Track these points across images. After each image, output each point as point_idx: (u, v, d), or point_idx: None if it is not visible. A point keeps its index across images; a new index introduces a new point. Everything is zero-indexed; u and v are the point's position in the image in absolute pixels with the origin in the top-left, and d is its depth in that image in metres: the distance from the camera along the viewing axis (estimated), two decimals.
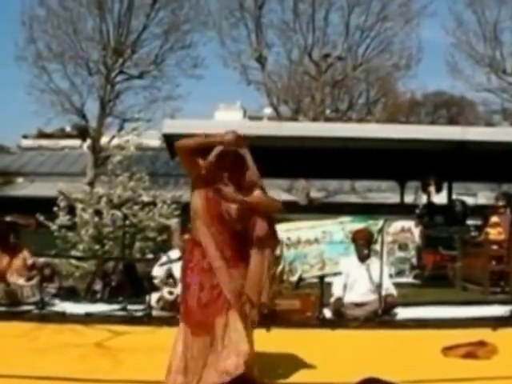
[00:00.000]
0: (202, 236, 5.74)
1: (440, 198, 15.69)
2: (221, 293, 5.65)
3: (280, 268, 9.70)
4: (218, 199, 5.75)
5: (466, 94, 36.69)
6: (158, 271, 9.78)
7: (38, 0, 29.14)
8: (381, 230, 9.97)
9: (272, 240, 5.93)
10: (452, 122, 40.45)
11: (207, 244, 5.71)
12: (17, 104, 78.75)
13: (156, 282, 9.62)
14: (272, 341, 7.96)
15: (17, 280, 10.04)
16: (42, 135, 46.62)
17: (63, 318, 9.06)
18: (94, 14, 29.23)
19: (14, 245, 10.48)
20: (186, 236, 10.02)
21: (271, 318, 8.57)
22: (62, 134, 40.05)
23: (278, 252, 9.92)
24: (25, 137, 50.52)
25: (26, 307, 9.56)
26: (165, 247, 14.42)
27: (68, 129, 39.40)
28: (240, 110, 43.37)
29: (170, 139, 15.09)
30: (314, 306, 8.85)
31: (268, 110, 33.55)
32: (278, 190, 27.57)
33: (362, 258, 9.52)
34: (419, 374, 6.22)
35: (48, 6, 29.14)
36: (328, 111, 31.22)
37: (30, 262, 10.42)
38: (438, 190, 15.34)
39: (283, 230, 12.82)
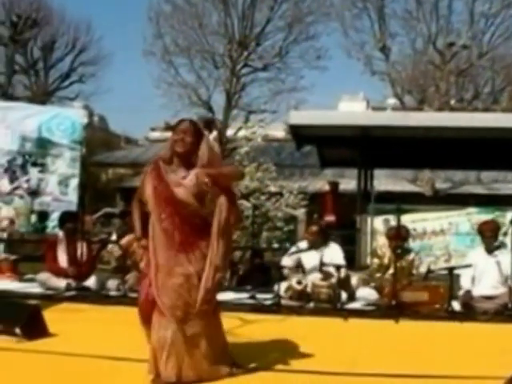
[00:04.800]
0: (151, 228, 5.57)
1: None
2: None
3: (409, 259, 9.59)
4: (165, 183, 5.52)
5: None
6: (287, 261, 9.81)
7: None
8: None
9: (233, 215, 5.64)
10: None
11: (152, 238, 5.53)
12: (145, 98, 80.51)
13: (285, 271, 9.66)
14: (400, 333, 7.92)
15: None
16: (169, 128, 47.50)
17: None
18: (218, 9, 29.66)
19: None
20: (314, 227, 10.10)
21: (400, 310, 8.52)
22: None
23: (405, 244, 9.85)
24: (153, 129, 51.58)
25: None
26: (291, 237, 14.51)
27: None
28: (363, 100, 42.94)
29: (296, 130, 15.16)
30: (443, 298, 8.71)
31: (391, 101, 33.12)
32: (402, 181, 27.32)
33: (490, 250, 9.31)
34: None
35: (173, 2, 29.83)
36: (453, 101, 30.56)
37: None
38: None
39: (409, 220, 12.68)
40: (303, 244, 10.00)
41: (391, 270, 9.25)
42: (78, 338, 7.01)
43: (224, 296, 9.81)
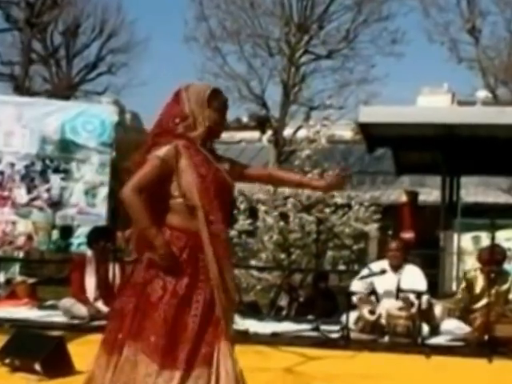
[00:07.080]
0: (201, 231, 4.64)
1: None
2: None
3: (506, 286, 9.51)
4: (216, 169, 4.78)
5: None
6: (357, 286, 9.79)
7: None
8: None
9: None
10: None
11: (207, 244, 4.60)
12: None
13: (354, 298, 9.65)
14: (494, 374, 7.85)
15: None
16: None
17: (245, 337, 9.23)
18: None
19: None
20: (395, 243, 10.06)
21: (493, 347, 8.45)
22: (239, 126, 40.86)
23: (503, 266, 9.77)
24: None
25: None
26: (361, 257, 14.45)
27: (244, 119, 40.09)
28: (447, 93, 42.67)
29: (367, 129, 15.15)
30: None
31: (482, 94, 32.84)
32: (495, 191, 27.06)
33: None
34: None
35: None
36: None
37: None
38: None
39: (504, 238, 12.58)
40: (376, 266, 9.97)
41: (484, 300, 9.19)
42: None
43: (281, 327, 9.89)
